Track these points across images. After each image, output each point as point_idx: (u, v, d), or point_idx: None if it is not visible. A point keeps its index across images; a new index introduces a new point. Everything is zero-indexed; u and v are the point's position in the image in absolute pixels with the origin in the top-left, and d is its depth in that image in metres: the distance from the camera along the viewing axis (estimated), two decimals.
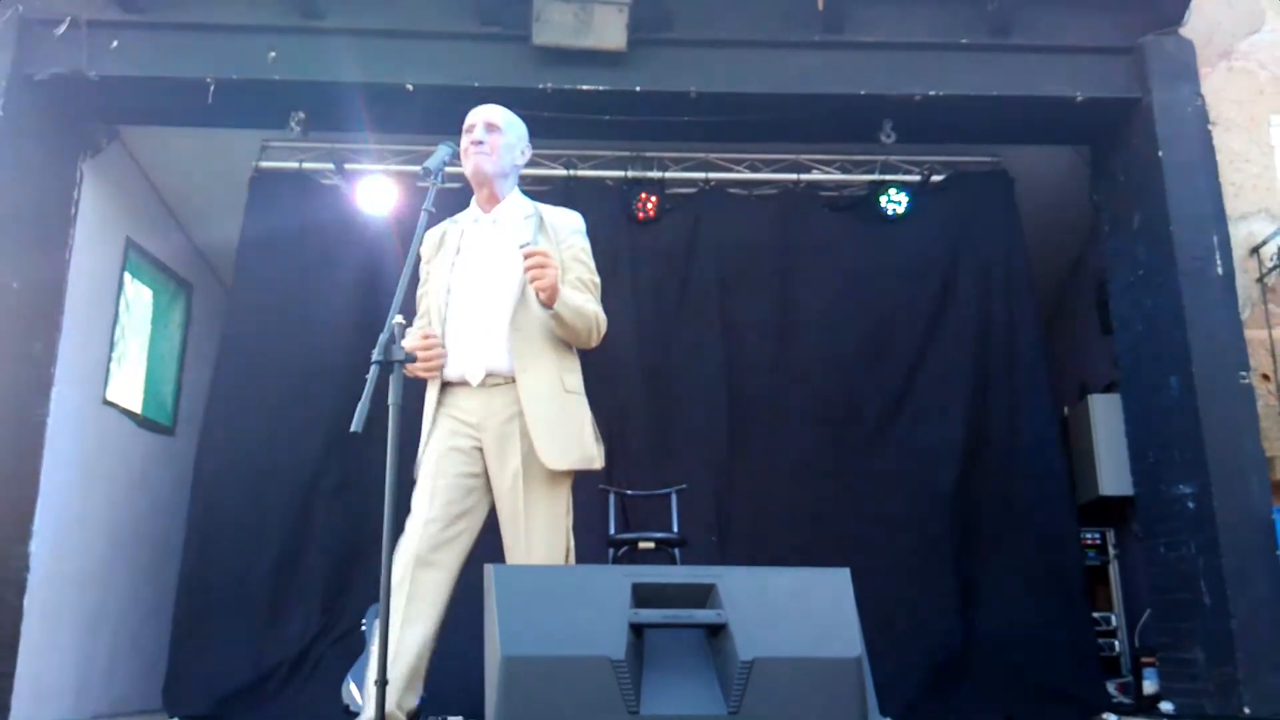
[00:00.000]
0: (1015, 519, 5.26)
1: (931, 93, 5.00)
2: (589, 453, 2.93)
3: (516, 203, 3.08)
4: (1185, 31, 5.05)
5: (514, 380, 2.85)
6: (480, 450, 2.90)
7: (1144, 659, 5.40)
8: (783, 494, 5.30)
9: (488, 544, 2.95)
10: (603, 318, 2.99)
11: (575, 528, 2.98)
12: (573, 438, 2.88)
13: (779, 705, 1.83)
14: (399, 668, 2.73)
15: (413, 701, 2.79)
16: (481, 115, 3.05)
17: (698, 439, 5.43)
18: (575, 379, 2.98)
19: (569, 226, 3.07)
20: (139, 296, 6.26)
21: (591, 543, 4.91)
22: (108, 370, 5.69)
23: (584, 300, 2.90)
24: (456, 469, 2.88)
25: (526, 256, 2.70)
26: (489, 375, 2.87)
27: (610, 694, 1.78)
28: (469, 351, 2.89)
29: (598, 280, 3.06)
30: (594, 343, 2.98)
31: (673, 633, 1.93)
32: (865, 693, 1.87)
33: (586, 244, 3.08)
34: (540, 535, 2.82)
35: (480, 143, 2.98)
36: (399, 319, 2.57)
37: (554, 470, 2.82)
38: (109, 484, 5.66)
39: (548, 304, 2.75)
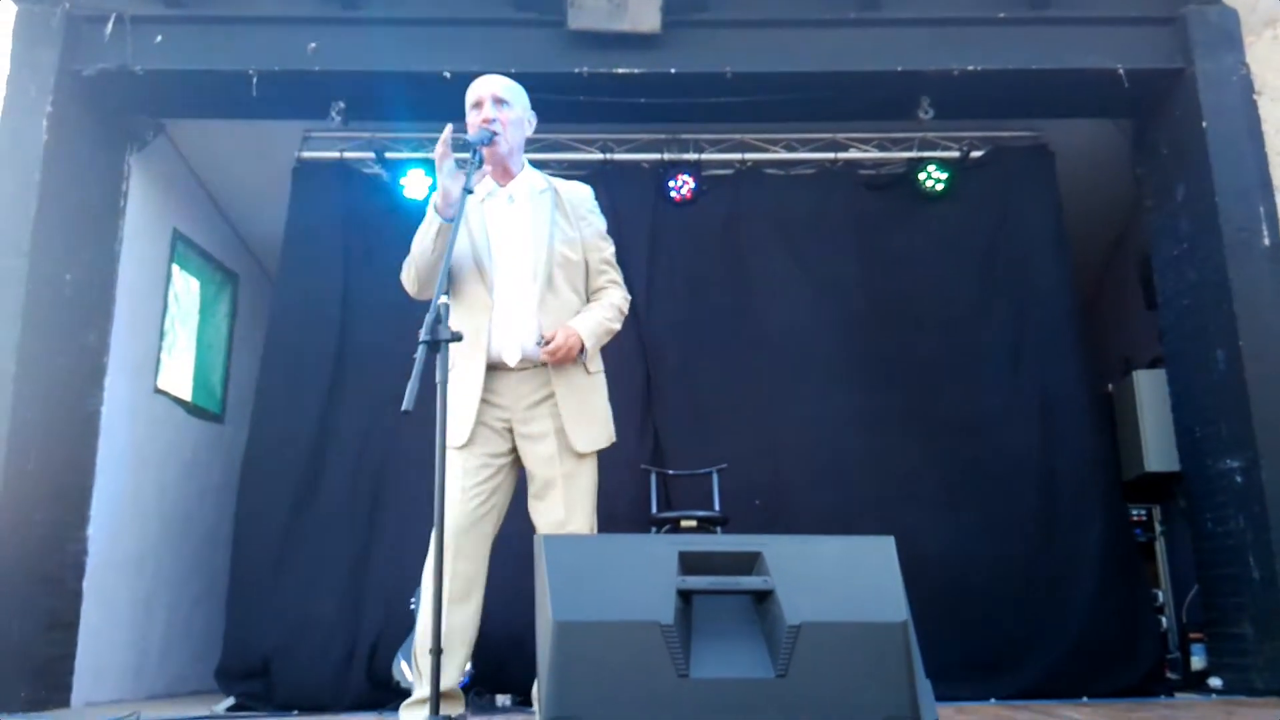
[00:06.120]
0: (1054, 490, 5.21)
1: (970, 68, 4.97)
2: (609, 430, 3.09)
3: (530, 178, 3.15)
4: (1229, 0, 4.97)
5: (542, 364, 2.95)
6: (510, 430, 2.99)
7: (1191, 635, 5.36)
8: (823, 469, 5.28)
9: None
10: (622, 302, 3.14)
11: (618, 507, 3.08)
12: (599, 421, 3.04)
13: (826, 668, 1.86)
14: (450, 645, 2.79)
15: (456, 677, 2.86)
16: (487, 90, 3.05)
17: (738, 418, 5.43)
18: (597, 360, 3.10)
19: (585, 204, 3.18)
20: (187, 287, 6.38)
21: (634, 522, 4.96)
22: (158, 360, 5.82)
23: (602, 318, 3.04)
24: (486, 448, 2.96)
25: (548, 354, 2.90)
26: (523, 359, 2.95)
27: (660, 657, 1.82)
28: (506, 334, 2.97)
29: (614, 250, 3.22)
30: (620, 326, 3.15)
31: (720, 599, 1.97)
32: (912, 656, 1.89)
33: (603, 219, 3.21)
34: (579, 506, 2.94)
35: (492, 120, 3.01)
36: (444, 299, 2.61)
37: (583, 452, 2.96)
38: (161, 470, 5.79)
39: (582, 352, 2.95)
